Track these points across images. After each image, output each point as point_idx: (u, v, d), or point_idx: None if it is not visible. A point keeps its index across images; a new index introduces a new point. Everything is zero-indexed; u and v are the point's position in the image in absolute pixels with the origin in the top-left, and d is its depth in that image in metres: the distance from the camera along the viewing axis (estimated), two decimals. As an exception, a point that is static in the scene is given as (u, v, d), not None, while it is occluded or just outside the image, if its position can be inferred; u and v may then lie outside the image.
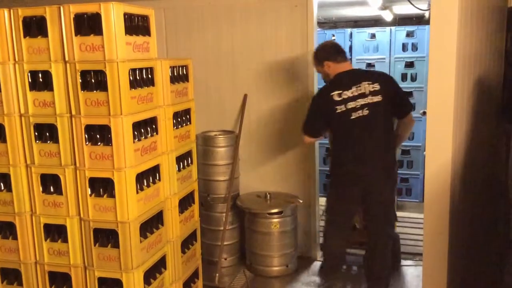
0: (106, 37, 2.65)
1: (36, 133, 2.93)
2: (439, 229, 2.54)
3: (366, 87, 3.39)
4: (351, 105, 3.36)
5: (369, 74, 3.84)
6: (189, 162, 3.68)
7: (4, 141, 2.96)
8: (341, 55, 3.54)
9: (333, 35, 6.53)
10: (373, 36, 6.43)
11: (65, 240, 2.98)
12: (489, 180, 3.64)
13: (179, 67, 3.48)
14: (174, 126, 3.37)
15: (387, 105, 3.42)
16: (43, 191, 2.98)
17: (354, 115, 3.37)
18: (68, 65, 2.76)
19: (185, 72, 3.57)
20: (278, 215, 4.19)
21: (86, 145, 2.83)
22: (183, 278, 3.50)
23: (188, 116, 3.64)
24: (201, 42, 4.64)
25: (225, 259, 4.39)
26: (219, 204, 4.39)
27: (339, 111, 3.37)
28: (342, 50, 3.59)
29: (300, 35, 4.39)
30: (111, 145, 2.78)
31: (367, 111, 3.37)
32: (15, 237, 3.05)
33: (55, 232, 3.02)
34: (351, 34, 6.54)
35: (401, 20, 8.06)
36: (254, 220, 4.24)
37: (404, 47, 6.30)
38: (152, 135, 3.10)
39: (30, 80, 2.88)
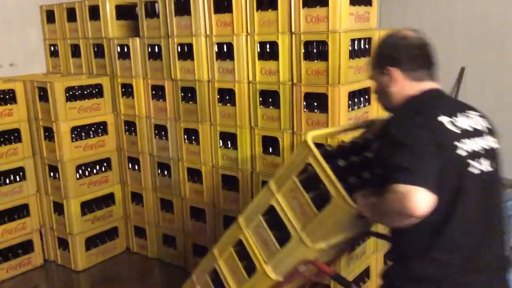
0: (331, 8, 2.75)
1: (261, 99, 3.24)
2: None
3: (478, 120, 1.80)
4: (470, 144, 1.70)
5: (466, 104, 1.89)
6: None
7: (234, 104, 3.35)
8: (428, 68, 1.87)
9: None
10: None
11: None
12: None
13: (395, 37, 3.41)
14: (386, 98, 3.35)
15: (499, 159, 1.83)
16: (263, 151, 3.30)
17: (475, 165, 1.69)
18: (293, 36, 2.96)
19: (401, 43, 3.49)
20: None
21: (304, 111, 3.02)
22: (384, 249, 3.52)
23: (400, 88, 3.57)
24: (416, 12, 4.45)
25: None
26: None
27: (459, 152, 1.67)
28: (432, 58, 1.89)
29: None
30: (327, 112, 2.92)
31: (492, 166, 1.75)
32: (237, 190, 3.46)
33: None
34: None
35: None
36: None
37: None
38: (364, 105, 3.15)
39: (259, 50, 3.17)
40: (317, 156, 1.91)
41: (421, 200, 1.51)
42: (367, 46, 3.09)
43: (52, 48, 4.59)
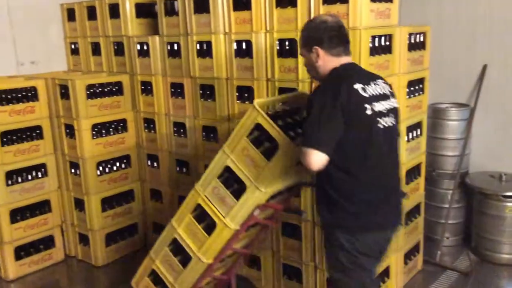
0: (351, 5, 2.73)
1: (279, 96, 3.23)
2: None
3: (384, 86, 2.29)
4: (378, 106, 2.18)
5: (375, 75, 2.40)
6: (419, 133, 3.58)
7: (252, 102, 3.33)
8: (348, 48, 2.31)
9: None
10: None
11: (298, 195, 3.23)
12: None
13: (416, 34, 3.37)
14: (407, 95, 3.31)
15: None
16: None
17: (382, 123, 2.18)
18: (313, 33, 2.93)
19: (422, 40, 3.44)
20: (513, 199, 3.77)
21: (323, 109, 3.00)
22: (404, 248, 3.49)
23: (421, 86, 3.53)
24: (436, 8, 4.38)
25: (447, 238, 4.19)
26: (445, 180, 4.17)
27: (368, 112, 2.13)
28: (347, 38, 2.30)
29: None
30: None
31: (393, 122, 2.26)
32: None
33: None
34: None
35: None
36: (485, 201, 3.91)
37: None
38: (385, 103, 3.11)
39: (278, 48, 3.16)
40: (265, 116, 2.37)
41: (314, 160, 2.06)
42: (388, 43, 3.06)
43: (72, 46, 4.65)
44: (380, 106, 2.18)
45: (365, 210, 2.21)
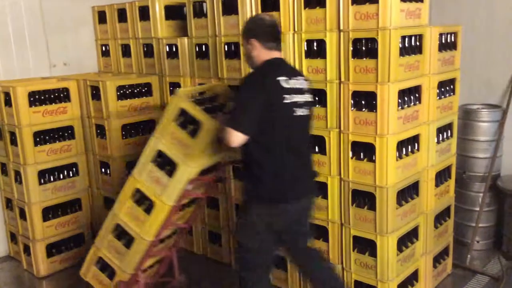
0: (381, 5, 2.70)
1: (307, 97, 3.22)
2: None
3: (303, 82, 2.66)
4: (295, 98, 2.57)
5: (298, 71, 2.83)
6: (449, 134, 3.52)
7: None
8: (279, 45, 2.65)
9: None
10: None
11: (325, 196, 3.23)
12: None
13: (447, 34, 3.32)
14: (437, 96, 3.26)
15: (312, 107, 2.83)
16: (309, 150, 3.29)
17: (297, 112, 2.58)
18: (342, 33, 2.92)
19: (453, 40, 3.39)
20: (547, 203, 3.68)
21: (352, 110, 2.98)
22: (434, 252, 3.44)
23: (452, 86, 3.47)
24: (469, 8, 4.29)
25: (478, 241, 4.10)
26: (475, 182, 4.08)
27: (286, 101, 2.53)
28: (279, 35, 2.65)
29: None
30: (376, 111, 2.87)
31: (307, 111, 2.66)
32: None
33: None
34: None
35: None
36: (517, 204, 3.83)
37: None
38: (415, 104, 3.08)
39: (305, 49, 3.15)
40: (188, 101, 2.79)
41: (233, 139, 2.45)
42: (418, 43, 3.02)
43: (103, 48, 4.74)
44: (297, 98, 2.57)
45: (281, 184, 2.57)
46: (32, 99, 3.81)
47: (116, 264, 3.16)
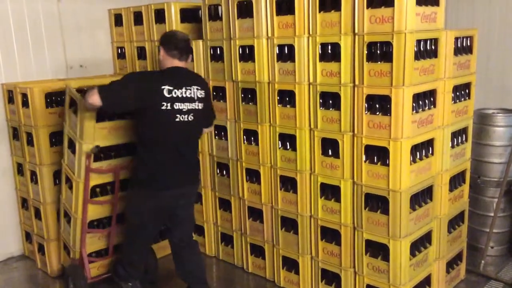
0: (397, 9, 2.70)
1: (321, 101, 3.22)
2: None
3: (195, 92, 3.11)
4: (178, 106, 3.02)
5: (199, 79, 3.28)
6: (464, 139, 3.50)
7: (293, 106, 3.35)
8: (183, 56, 3.10)
9: None
10: None
11: (337, 200, 3.23)
12: None
13: (463, 38, 3.30)
14: (452, 100, 3.24)
15: (204, 113, 3.22)
16: (322, 153, 3.28)
17: (178, 118, 3.03)
18: (356, 37, 2.93)
19: (469, 44, 3.37)
20: None
21: (366, 114, 2.98)
22: (447, 257, 3.41)
23: (467, 91, 3.46)
24: (485, 13, 4.27)
25: (492, 247, 4.06)
26: (490, 188, 4.05)
27: (164, 108, 2.97)
28: (187, 50, 3.13)
29: None
30: (390, 115, 2.86)
31: (192, 118, 3.09)
32: (295, 191, 3.46)
33: (330, 192, 3.31)
34: None
35: None
36: (532, 211, 3.79)
37: None
38: (429, 108, 3.07)
39: (320, 52, 3.16)
40: (72, 88, 3.41)
41: (91, 98, 2.87)
42: (433, 47, 3.01)
43: (119, 51, 4.79)
44: (182, 106, 3.01)
45: (160, 174, 3.06)
46: (48, 100, 3.86)
47: (68, 243, 3.69)
